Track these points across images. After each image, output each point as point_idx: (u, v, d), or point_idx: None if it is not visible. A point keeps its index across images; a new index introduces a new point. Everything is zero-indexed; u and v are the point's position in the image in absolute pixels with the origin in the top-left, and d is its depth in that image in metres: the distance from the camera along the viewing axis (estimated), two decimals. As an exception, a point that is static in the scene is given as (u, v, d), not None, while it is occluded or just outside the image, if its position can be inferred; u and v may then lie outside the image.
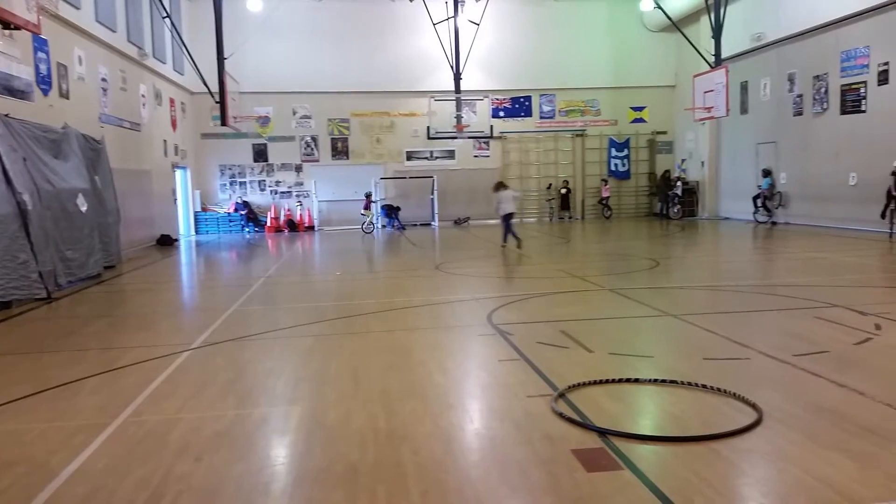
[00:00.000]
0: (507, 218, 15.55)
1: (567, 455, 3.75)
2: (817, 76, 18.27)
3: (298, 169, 25.01)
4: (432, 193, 24.88)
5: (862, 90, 16.75)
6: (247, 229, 23.93)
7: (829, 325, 6.81)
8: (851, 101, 17.10)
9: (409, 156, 25.49)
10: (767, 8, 20.03)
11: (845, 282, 9.66)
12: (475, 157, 25.92)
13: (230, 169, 24.74)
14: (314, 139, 25.01)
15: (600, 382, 4.99)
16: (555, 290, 9.57)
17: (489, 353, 6.16)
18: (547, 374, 5.26)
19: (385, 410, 4.60)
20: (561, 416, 4.31)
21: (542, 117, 26.13)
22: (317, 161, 25.00)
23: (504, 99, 25.63)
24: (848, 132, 17.24)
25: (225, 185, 24.76)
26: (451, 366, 5.75)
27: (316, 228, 24.68)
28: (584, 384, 4.95)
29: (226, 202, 24.56)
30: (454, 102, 23.42)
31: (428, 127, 23.61)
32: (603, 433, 4.04)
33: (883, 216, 15.35)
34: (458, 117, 23.33)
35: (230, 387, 5.32)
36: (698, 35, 21.74)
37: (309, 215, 24.86)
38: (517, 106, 25.87)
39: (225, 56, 19.89)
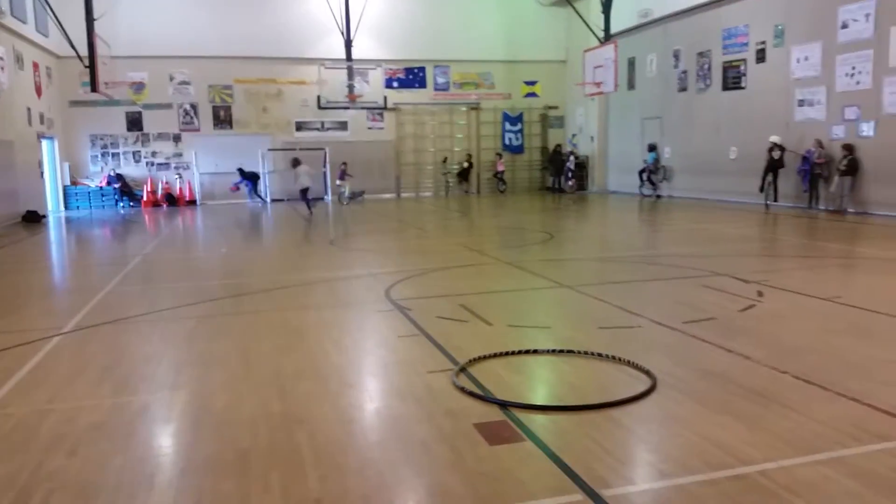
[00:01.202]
0: (305, 192, 18.10)
1: (469, 429, 3.67)
2: (701, 53, 19.10)
3: (177, 139, 23.64)
4: (325, 166, 24.24)
5: (742, 67, 17.66)
6: (121, 204, 22.45)
7: (715, 293, 7.11)
8: (732, 78, 18.01)
9: (299, 126, 24.67)
10: (653, -14, 20.66)
11: (727, 251, 10.17)
12: (369, 128, 25.46)
13: (102, 139, 23.07)
14: (194, 107, 23.68)
15: (500, 355, 4.95)
16: (453, 264, 9.51)
17: (388, 329, 5.99)
18: (447, 349, 5.16)
19: (279, 393, 4.35)
20: (462, 390, 4.23)
21: (436, 89, 25.97)
22: (197, 130, 23.72)
23: (398, 69, 25.26)
24: (729, 108, 18.17)
25: (97, 156, 23.09)
26: (349, 344, 5.54)
27: (198, 203, 23.50)
28: (485, 357, 4.88)
29: (98, 175, 22.90)
30: (346, 71, 22.86)
31: (318, 96, 22.97)
32: (504, 405, 3.99)
33: (761, 189, 16.32)
34: (351, 87, 22.82)
35: (107, 373, 4.88)
36: (588, 10, 22.18)
37: (189, 189, 23.61)
38: (411, 77, 25.57)
39: (95, 17, 18.38)
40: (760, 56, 17.02)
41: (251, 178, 22.89)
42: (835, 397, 4.00)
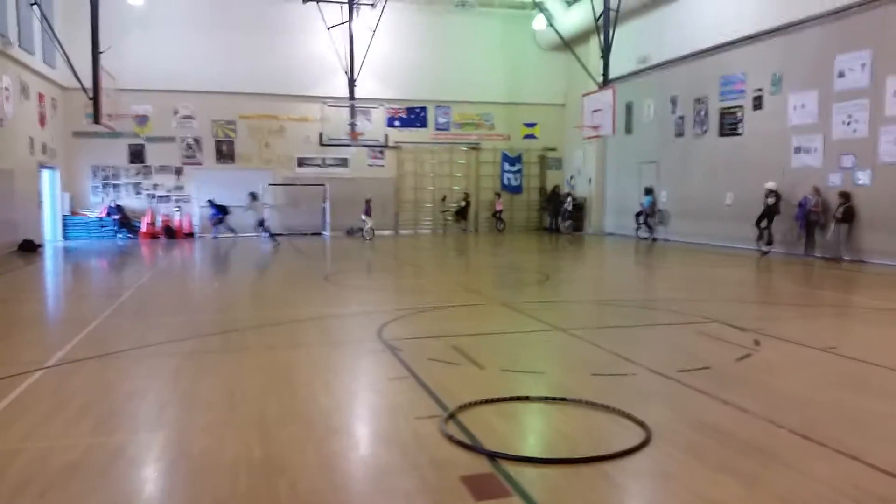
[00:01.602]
0: (261, 223, 20.18)
1: (455, 482, 3.54)
2: (698, 99, 19.29)
3: (178, 172, 23.72)
4: (324, 202, 24.30)
5: (739, 114, 17.82)
6: (119, 235, 22.40)
7: (711, 340, 7.01)
8: (729, 124, 18.15)
9: (301, 162, 24.80)
10: (653, 32, 20.98)
11: (723, 297, 10.09)
12: (369, 165, 25.59)
13: (104, 170, 23.14)
14: (197, 141, 23.83)
15: (491, 401, 4.83)
16: (448, 303, 9.42)
17: (378, 371, 5.87)
18: (437, 393, 5.04)
19: (262, 437, 4.22)
20: (450, 439, 4.10)
21: (437, 129, 26.19)
22: (199, 164, 23.81)
23: (399, 108, 25.50)
24: (725, 154, 18.28)
25: (98, 187, 23.12)
26: (337, 386, 5.42)
27: (196, 235, 23.48)
28: (475, 403, 4.76)
29: (98, 206, 22.91)
30: (348, 109, 23.08)
31: (321, 133, 23.14)
32: (493, 457, 3.86)
33: (759, 237, 16.30)
34: (353, 125, 23.00)
35: (86, 411, 4.75)
36: (588, 55, 22.50)
37: (189, 221, 23.60)
38: (413, 116, 25.80)
39: (101, 49, 18.56)
40: (757, 103, 17.18)
41: (221, 211, 22.75)
42: (833, 454, 3.88)
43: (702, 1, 18.88)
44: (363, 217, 22.45)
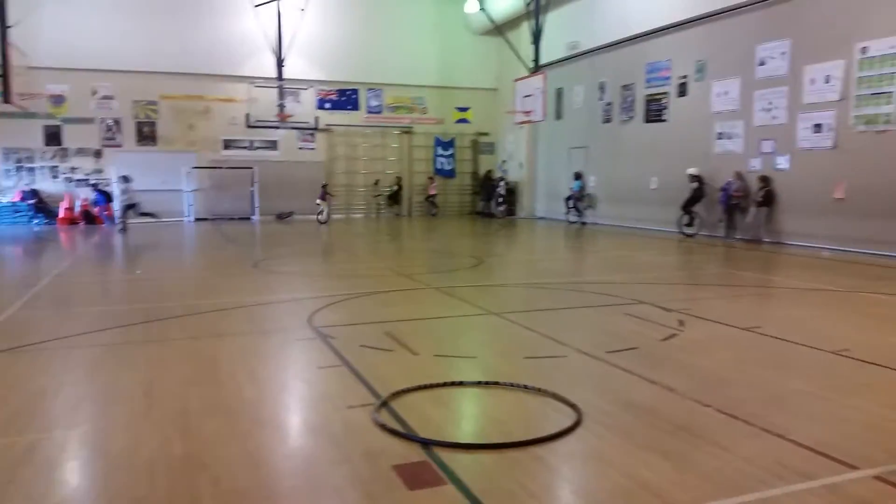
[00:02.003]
0: (132, 207, 18.35)
1: (388, 472, 3.46)
2: (625, 86, 19.64)
3: (98, 154, 22.63)
4: (252, 185, 23.67)
5: (664, 100, 18.23)
6: (35, 221, 21.25)
7: (638, 321, 7.14)
8: (655, 111, 18.56)
9: (227, 144, 24.05)
10: (582, 19, 21.21)
11: (649, 279, 10.32)
12: (300, 148, 25.06)
13: (17, 153, 21.85)
14: (117, 122, 22.77)
15: (424, 388, 4.76)
16: (381, 288, 9.29)
17: (308, 359, 5.72)
18: (370, 381, 4.93)
19: (183, 432, 4.02)
20: (383, 427, 4.01)
21: (369, 112, 25.85)
22: (120, 146, 22.77)
23: (330, 90, 25.03)
24: (651, 139, 18.70)
25: (10, 170, 21.83)
26: (264, 376, 5.24)
27: (117, 221, 22.47)
28: (408, 390, 4.69)
29: (10, 190, 21.64)
30: (276, 90, 22.51)
31: (248, 114, 22.50)
32: (426, 444, 3.80)
33: (686, 222, 16.79)
34: (281, 106, 22.47)
35: (-9, 410, 4.44)
36: (519, 41, 22.57)
37: (109, 206, 22.58)
38: (344, 98, 25.37)
39: (10, 24, 17.45)
40: (682, 90, 17.62)
41: (105, 197, 21.90)
42: (759, 432, 3.99)
43: (629, -12, 19.18)
44: (318, 201, 22.19)
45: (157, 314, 7.54)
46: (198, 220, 22.84)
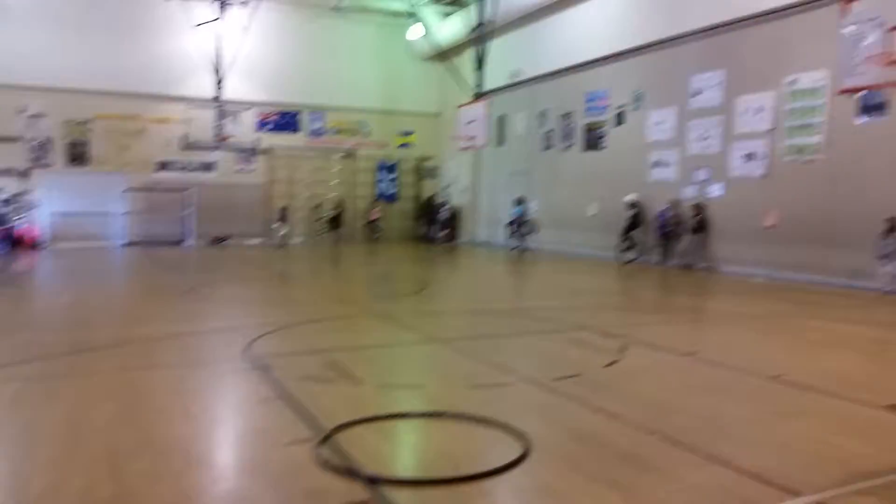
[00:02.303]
0: None
1: (331, 513, 3.31)
2: (565, 114, 20.03)
3: (25, 175, 21.63)
4: (187, 209, 23.02)
5: (602, 129, 18.65)
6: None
7: (581, 347, 7.17)
8: (593, 139, 18.97)
9: (162, 166, 23.33)
10: (525, 47, 21.60)
11: (591, 305, 10.43)
12: (238, 171, 24.52)
13: (-67, 172, 20.69)
14: (47, 141, 21.84)
15: (369, 420, 4.62)
16: (322, 315, 9.08)
17: (245, 392, 5.50)
18: (311, 415, 4.75)
19: (111, 472, 3.77)
20: (326, 464, 3.85)
21: (311, 134, 25.58)
22: (49, 166, 21.85)
23: (271, 112, 24.70)
24: (590, 167, 19.08)
25: (-74, 191, 20.64)
26: (198, 411, 5.00)
27: (45, 244, 21.50)
28: (352, 423, 4.54)
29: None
30: (215, 111, 22.09)
31: (185, 135, 21.98)
32: (372, 481, 3.66)
33: (625, 248, 17.12)
34: (220, 127, 22.02)
35: None
36: (463, 67, 22.81)
37: (37, 229, 21.56)
38: (285, 121, 25.06)
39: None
40: (620, 119, 18.08)
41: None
42: (703, 461, 4.00)
43: (570, 19, 19.63)
44: (276, 225, 22.18)
45: (84, 345, 7.16)
46: (129, 244, 22.03)
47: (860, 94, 11.28)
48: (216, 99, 22.55)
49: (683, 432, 4.47)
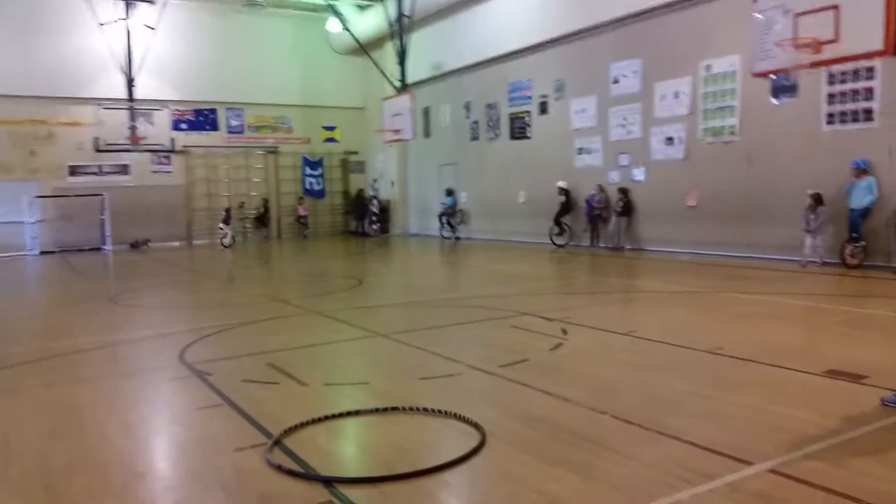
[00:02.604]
0: None
1: (290, 517, 3.19)
2: (490, 105, 20.15)
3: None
4: (102, 213, 21.98)
5: (527, 118, 18.85)
6: None
7: (524, 332, 7.21)
8: (519, 128, 19.16)
9: (73, 170, 22.20)
10: (446, 39, 21.58)
11: (527, 290, 10.53)
12: (154, 172, 23.60)
13: None
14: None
15: (318, 420, 4.49)
16: (256, 317, 8.81)
17: (184, 400, 5.26)
18: (258, 419, 4.59)
19: (48, 493, 3.53)
20: (279, 468, 3.72)
21: (230, 132, 24.86)
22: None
23: (186, 111, 23.85)
24: (517, 156, 19.28)
25: None
26: (136, 422, 4.74)
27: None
28: (302, 425, 4.40)
29: None
30: (127, 112, 21.16)
31: (96, 138, 20.97)
32: (328, 482, 3.55)
33: (559, 232, 17.35)
34: (133, 128, 21.12)
35: None
36: (384, 60, 22.61)
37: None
38: (202, 119, 24.25)
39: None
40: (543, 108, 18.32)
41: None
42: (656, 437, 4.07)
43: (491, 11, 19.73)
44: (221, 226, 21.72)
45: (5, 360, 6.70)
46: (43, 252, 20.88)
47: (772, 77, 11.77)
48: (128, 99, 21.59)
49: (633, 410, 4.54)
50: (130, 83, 21.63)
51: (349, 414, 4.64)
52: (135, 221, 22.59)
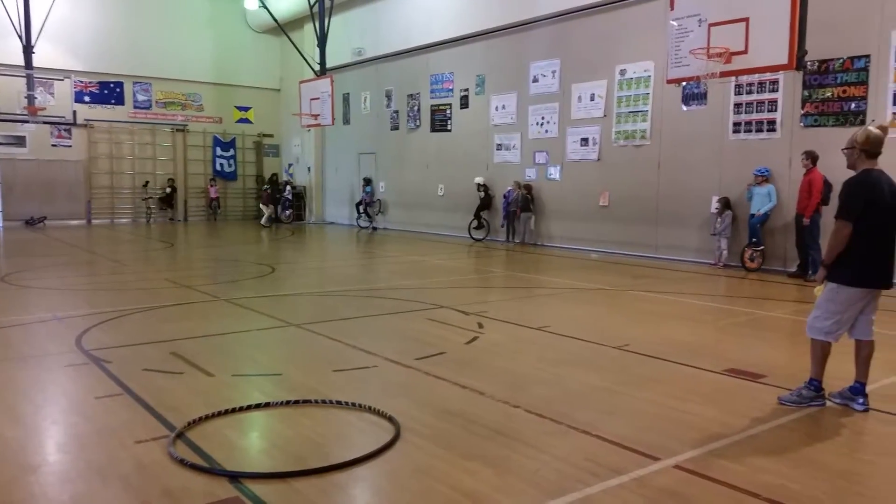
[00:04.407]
0: None
1: (194, 514, 3.05)
2: (411, 95, 20.04)
3: None
4: (-5, 187, 20.51)
5: (448, 111, 18.86)
6: None
7: (441, 325, 7.21)
8: (440, 121, 19.14)
9: (-38, 141, 20.57)
10: (368, 25, 21.28)
11: (445, 283, 10.55)
12: (53, 146, 22.21)
13: None
14: None
15: (226, 413, 4.33)
16: (160, 302, 8.43)
17: (81, 388, 4.95)
18: (160, 410, 4.38)
19: (-81, 492, 3.23)
20: (182, 462, 3.55)
21: (136, 107, 23.67)
22: None
23: (90, 82, 22.54)
24: (437, 148, 19.26)
25: None
26: (28, 411, 4.42)
27: None
28: (208, 417, 4.22)
29: None
30: (24, 80, 19.75)
31: (-12, 106, 19.46)
32: (235, 477, 3.42)
33: (477, 227, 17.47)
34: (31, 98, 19.74)
35: None
36: (303, 41, 22.08)
37: None
38: (106, 92, 22.99)
39: None
40: (464, 102, 18.37)
41: None
42: (567, 431, 4.14)
43: (414, 0, 19.57)
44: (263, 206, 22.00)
45: None
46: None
47: (684, 84, 12.24)
48: (25, 66, 20.14)
49: (546, 404, 4.61)
50: (29, 49, 20.18)
51: (258, 406, 4.50)
52: (31, 197, 21.24)
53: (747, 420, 4.38)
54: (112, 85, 23.10)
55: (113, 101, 23.19)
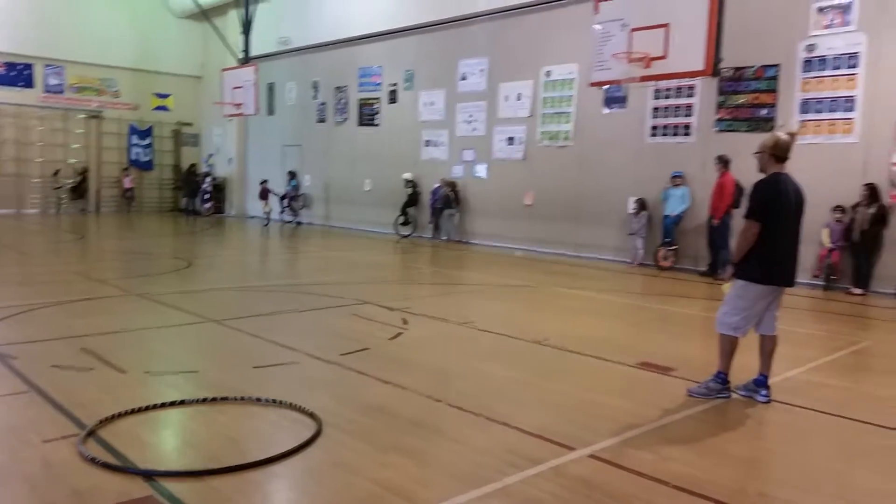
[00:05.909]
0: None
1: (105, 514, 2.95)
2: (339, 87, 19.81)
3: None
4: None
5: (376, 105, 18.76)
6: None
7: (365, 321, 7.19)
8: (368, 115, 19.02)
9: None
10: (294, 14, 20.90)
11: (369, 279, 10.52)
12: (-47, 129, 20.83)
13: None
14: None
15: (139, 411, 4.19)
16: (69, 297, 8.05)
17: (-18, 385, 4.70)
18: (69, 408, 4.20)
19: None
20: (93, 461, 3.42)
21: (47, 91, 22.47)
22: None
23: (-5, 63, 21.25)
24: (365, 143, 19.13)
25: None
26: (-80, 412, 4.17)
27: None
28: (120, 415, 4.08)
29: None
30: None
31: None
32: (149, 476, 3.33)
33: (404, 223, 17.43)
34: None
35: None
36: (226, 28, 21.50)
37: None
38: (14, 74, 21.72)
39: None
40: (393, 97, 18.32)
41: None
42: (486, 423, 4.22)
43: (342, -9, 19.37)
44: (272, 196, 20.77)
45: None
46: None
47: (606, 87, 12.60)
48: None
49: (466, 397, 4.69)
50: (-76, 24, 18.91)
51: (173, 404, 4.37)
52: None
53: (658, 411, 4.58)
54: (20, 66, 21.84)
55: (21, 84, 21.94)
